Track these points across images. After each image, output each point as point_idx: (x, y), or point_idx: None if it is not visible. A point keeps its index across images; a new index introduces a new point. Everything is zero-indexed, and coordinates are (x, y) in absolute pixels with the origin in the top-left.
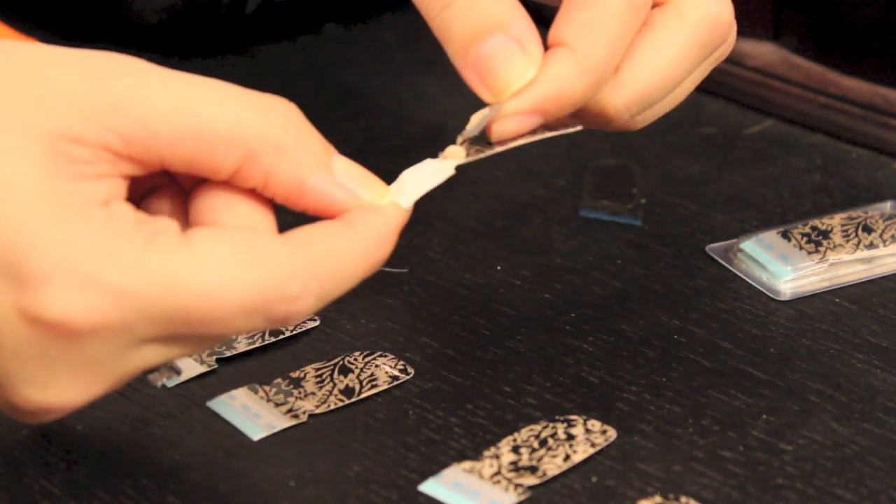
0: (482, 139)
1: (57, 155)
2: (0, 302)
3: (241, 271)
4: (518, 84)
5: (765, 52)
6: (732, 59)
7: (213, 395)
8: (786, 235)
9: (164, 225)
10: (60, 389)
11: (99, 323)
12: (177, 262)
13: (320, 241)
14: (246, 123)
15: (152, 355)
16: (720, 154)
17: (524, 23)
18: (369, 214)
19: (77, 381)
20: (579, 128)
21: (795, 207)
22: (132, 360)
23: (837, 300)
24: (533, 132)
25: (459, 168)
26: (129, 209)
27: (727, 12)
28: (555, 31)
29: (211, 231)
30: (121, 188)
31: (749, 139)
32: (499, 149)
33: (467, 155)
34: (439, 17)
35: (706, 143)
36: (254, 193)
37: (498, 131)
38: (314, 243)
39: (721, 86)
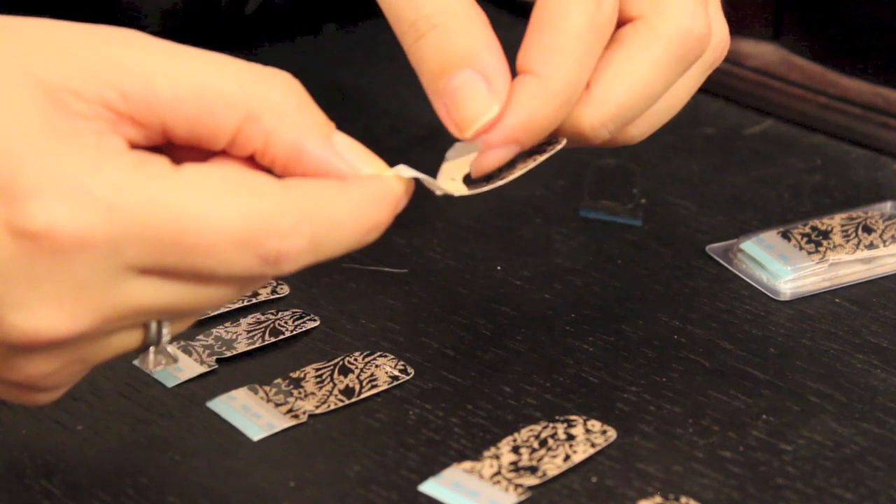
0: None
1: (55, 99)
2: None
3: (232, 198)
4: (481, 121)
5: (765, 52)
6: (732, 59)
7: (213, 395)
8: (786, 235)
9: (155, 156)
10: (46, 313)
11: (85, 236)
12: (167, 184)
13: (315, 187)
14: (247, 85)
15: (143, 290)
16: (720, 154)
17: (493, 56)
18: (368, 178)
19: (63, 304)
20: (564, 142)
21: (795, 207)
22: (121, 291)
23: (837, 300)
24: (524, 163)
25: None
26: (121, 140)
27: (701, 24)
28: (520, 57)
29: (203, 164)
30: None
31: (749, 139)
32: (498, 182)
33: (469, 189)
34: (413, 47)
35: (706, 143)
36: (254, 165)
37: (476, 166)
38: (308, 187)
39: (721, 86)
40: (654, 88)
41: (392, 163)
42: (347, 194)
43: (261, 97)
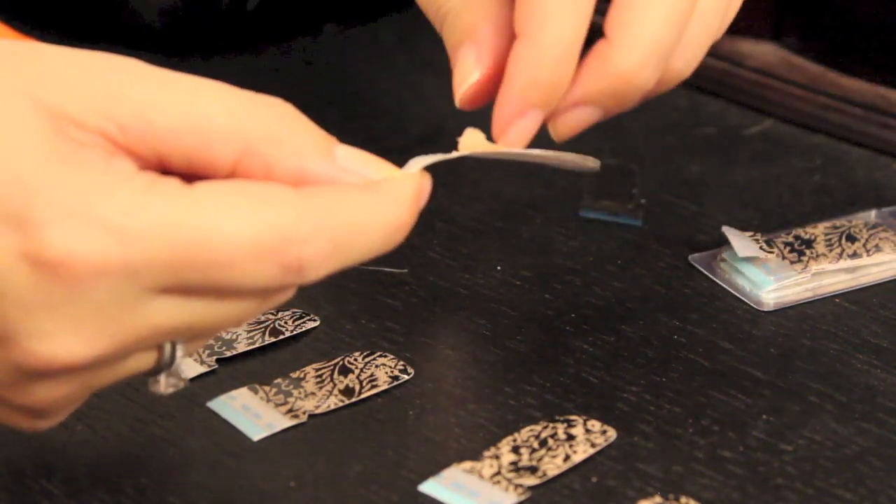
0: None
1: (58, 127)
2: (3, 249)
3: (247, 209)
4: (463, 86)
5: (765, 52)
6: (732, 59)
7: (213, 395)
8: (769, 245)
9: (164, 177)
10: (64, 340)
11: (101, 262)
12: (179, 203)
13: (333, 192)
14: (240, 116)
15: (162, 311)
16: (720, 154)
17: (488, 26)
18: (383, 181)
19: (81, 330)
20: (594, 165)
21: (795, 207)
22: (142, 313)
23: (837, 300)
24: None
25: (460, 171)
26: (128, 162)
27: None
28: (514, 23)
29: (215, 182)
30: None
31: (749, 139)
32: (510, 152)
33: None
34: (442, 31)
35: (706, 143)
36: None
37: (509, 140)
38: (326, 192)
39: (721, 86)
40: (677, 14)
41: (392, 163)
42: (366, 197)
43: (255, 127)
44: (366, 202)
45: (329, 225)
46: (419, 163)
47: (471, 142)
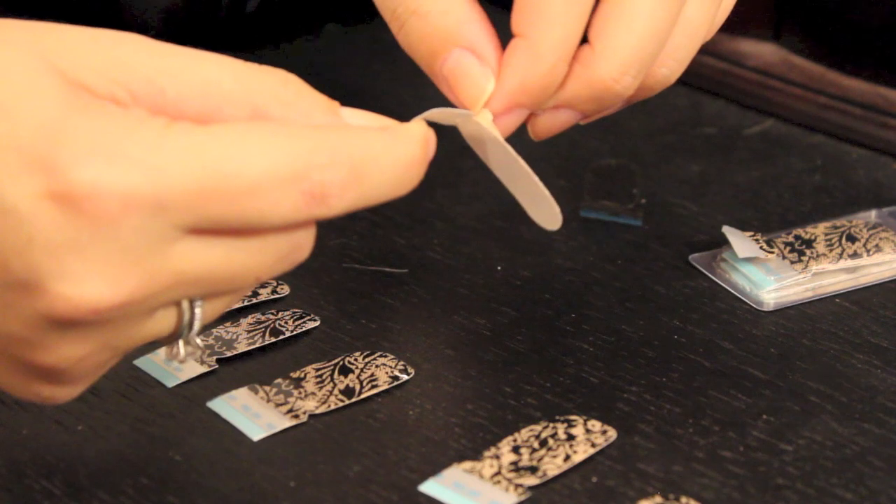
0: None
1: (73, 88)
2: (30, 193)
3: (266, 140)
4: (484, 97)
5: (765, 52)
6: (732, 59)
7: (213, 395)
8: (769, 245)
9: (180, 120)
10: (92, 282)
11: (128, 196)
12: (200, 137)
13: (347, 128)
14: (248, 81)
15: (188, 252)
16: (720, 154)
17: (475, 27)
18: (392, 125)
19: (109, 271)
20: (555, 221)
21: (795, 207)
22: (167, 255)
23: (838, 300)
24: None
25: (460, 171)
26: (143, 109)
27: None
28: (512, 21)
29: (230, 122)
30: None
31: (749, 139)
32: (501, 150)
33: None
34: (399, 36)
35: (706, 143)
36: None
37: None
38: (338, 127)
39: (721, 86)
40: (659, 23)
41: None
42: (378, 133)
43: (263, 91)
44: (379, 137)
45: (346, 153)
46: (423, 117)
47: (482, 120)
